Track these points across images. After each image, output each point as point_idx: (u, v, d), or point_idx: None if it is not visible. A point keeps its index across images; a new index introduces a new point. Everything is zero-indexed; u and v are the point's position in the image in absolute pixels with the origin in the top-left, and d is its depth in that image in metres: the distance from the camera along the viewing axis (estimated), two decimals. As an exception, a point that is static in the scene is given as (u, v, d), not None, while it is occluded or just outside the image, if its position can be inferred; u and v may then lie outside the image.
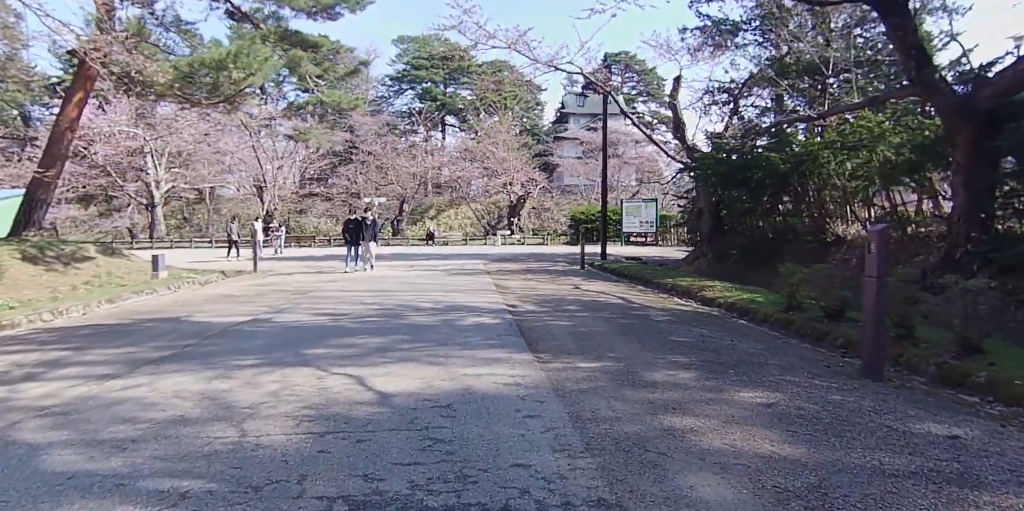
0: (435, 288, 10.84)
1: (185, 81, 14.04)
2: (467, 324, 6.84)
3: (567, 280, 12.85)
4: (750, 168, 13.35)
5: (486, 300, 9.06)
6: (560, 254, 23.75)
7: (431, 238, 36.71)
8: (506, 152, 37.49)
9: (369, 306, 8.40)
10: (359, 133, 43.79)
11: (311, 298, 9.48)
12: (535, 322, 7.05)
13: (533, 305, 8.63)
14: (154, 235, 36.18)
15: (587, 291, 10.62)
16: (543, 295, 9.86)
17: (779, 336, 6.63)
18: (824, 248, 12.87)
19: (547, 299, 9.36)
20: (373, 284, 11.63)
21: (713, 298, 9.55)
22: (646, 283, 12.52)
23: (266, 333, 6.36)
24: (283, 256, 23.11)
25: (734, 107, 16.73)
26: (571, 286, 11.51)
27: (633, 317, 7.60)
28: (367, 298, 9.36)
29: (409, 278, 13.03)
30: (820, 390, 4.18)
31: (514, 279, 12.94)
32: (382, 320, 7.13)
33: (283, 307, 8.44)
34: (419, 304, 8.61)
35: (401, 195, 39.80)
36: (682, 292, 10.70)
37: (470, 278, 12.97)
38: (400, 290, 10.49)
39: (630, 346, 5.68)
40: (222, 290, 11.24)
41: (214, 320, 7.37)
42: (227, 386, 4.22)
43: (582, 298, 9.56)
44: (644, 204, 32.78)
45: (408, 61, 62.74)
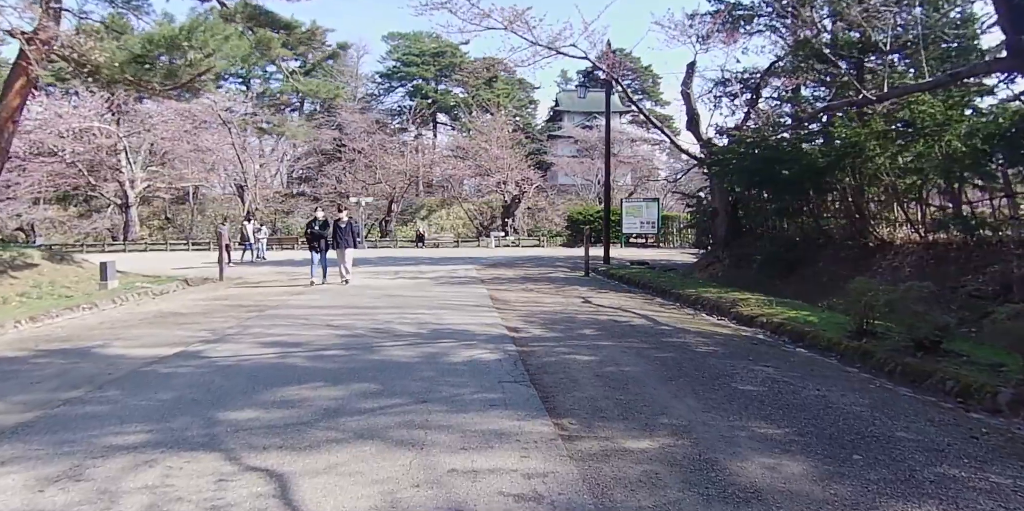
0: (421, 303, 9.18)
1: (138, 65, 12.32)
2: (458, 361, 5.19)
3: (573, 290, 11.23)
4: (780, 162, 11.77)
5: (481, 320, 7.42)
6: (559, 258, 22.16)
7: (421, 240, 35.01)
8: (500, 149, 35.85)
9: (336, 331, 6.73)
10: (348, 131, 42.01)
11: (268, 318, 7.80)
12: (547, 357, 5.42)
13: (540, 328, 7.00)
14: (128, 237, 34.26)
15: (600, 306, 9.00)
16: (549, 312, 8.23)
17: (866, 376, 5.04)
18: (865, 254, 11.32)
19: (555, 318, 7.73)
20: (348, 298, 9.95)
21: (752, 316, 7.97)
22: (663, 294, 10.93)
23: (184, 378, 4.68)
24: (262, 260, 21.35)
25: (754, 97, 15.15)
26: (579, 299, 9.89)
27: (670, 347, 5.98)
28: (336, 318, 7.69)
29: (392, 289, 11.36)
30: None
31: (512, 289, 11.31)
32: (346, 355, 5.47)
33: (228, 332, 6.76)
34: (399, 327, 6.96)
35: (390, 194, 38.03)
36: (711, 307, 9.12)
37: (462, 289, 11.32)
38: (379, 306, 8.83)
39: (686, 401, 4.06)
40: (170, 305, 9.54)
41: (131, 353, 5.69)
42: (60, 503, 2.56)
43: (597, 316, 7.94)
44: (645, 204, 31.25)
45: (398, 57, 61.06)
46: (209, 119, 36.12)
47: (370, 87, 63.16)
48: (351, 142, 39.66)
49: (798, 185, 12.05)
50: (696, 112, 15.18)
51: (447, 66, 60.60)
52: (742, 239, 15.35)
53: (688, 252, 25.08)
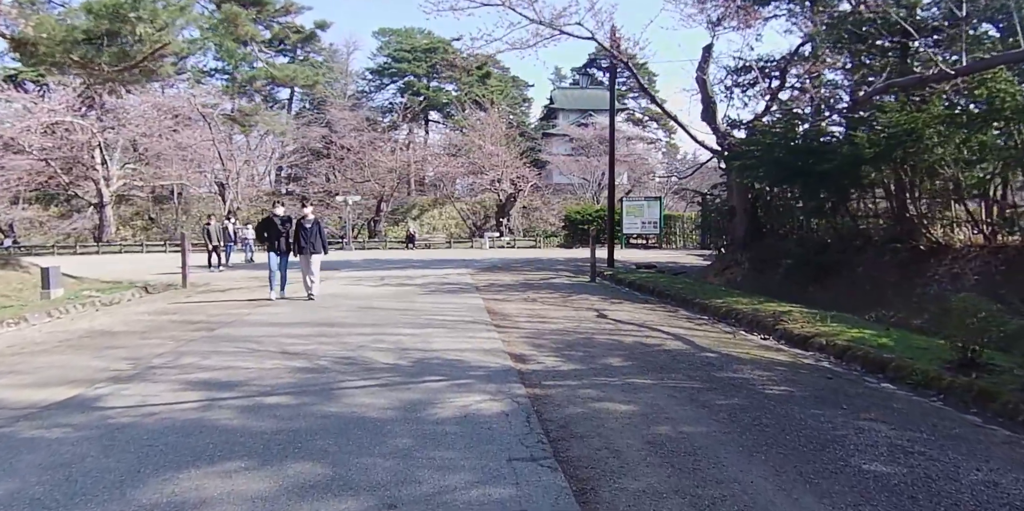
0: (404, 319, 7.68)
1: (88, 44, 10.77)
2: (447, 417, 3.70)
3: (582, 300, 9.77)
4: (815, 154, 10.36)
5: (478, 344, 5.93)
6: (558, 260, 20.69)
7: (411, 241, 33.44)
8: (494, 145, 34.32)
9: (290, 361, 5.23)
10: (337, 129, 40.35)
11: (213, 341, 6.28)
12: (569, 406, 3.95)
13: (552, 355, 5.52)
14: (103, 238, 32.51)
15: (619, 322, 7.53)
16: (560, 331, 6.76)
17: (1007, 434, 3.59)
18: (916, 258, 9.92)
19: (569, 340, 6.26)
20: (319, 312, 8.43)
21: (806, 336, 6.55)
22: (686, 304, 9.50)
23: (46, 450, 3.19)
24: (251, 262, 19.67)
25: (778, 84, 13.75)
26: (592, 312, 8.43)
27: (729, 387, 4.52)
28: (297, 341, 6.18)
29: (373, 299, 9.85)
30: None
31: (512, 298, 9.84)
32: (294, 405, 3.98)
33: (153, 363, 5.24)
34: (373, 355, 5.46)
35: (379, 193, 36.40)
36: (749, 322, 7.69)
37: (454, 299, 9.82)
38: (353, 323, 7.32)
39: (801, 503, 2.60)
40: (109, 321, 8.01)
41: (6, 397, 4.19)
42: None
43: (620, 337, 6.47)
44: (647, 203, 29.83)
45: (389, 53, 59.47)
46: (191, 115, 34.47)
47: (360, 84, 61.59)
48: (339, 139, 38.03)
49: (835, 180, 10.64)
50: (713, 100, 13.76)
51: (439, 62, 59.08)
52: (763, 240, 13.96)
53: (695, 254, 23.70)
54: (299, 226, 9.79)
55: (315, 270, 9.83)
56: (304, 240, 9.68)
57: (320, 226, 9.96)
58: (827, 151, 10.35)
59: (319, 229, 9.90)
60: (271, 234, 9.81)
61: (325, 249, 10.01)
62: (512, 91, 64.73)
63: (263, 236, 10.05)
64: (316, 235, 9.78)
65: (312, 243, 9.72)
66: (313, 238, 9.72)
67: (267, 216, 10.13)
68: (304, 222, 9.82)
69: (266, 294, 9.84)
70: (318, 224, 9.97)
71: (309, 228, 9.77)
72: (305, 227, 9.77)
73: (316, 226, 9.88)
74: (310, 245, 9.70)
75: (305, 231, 9.73)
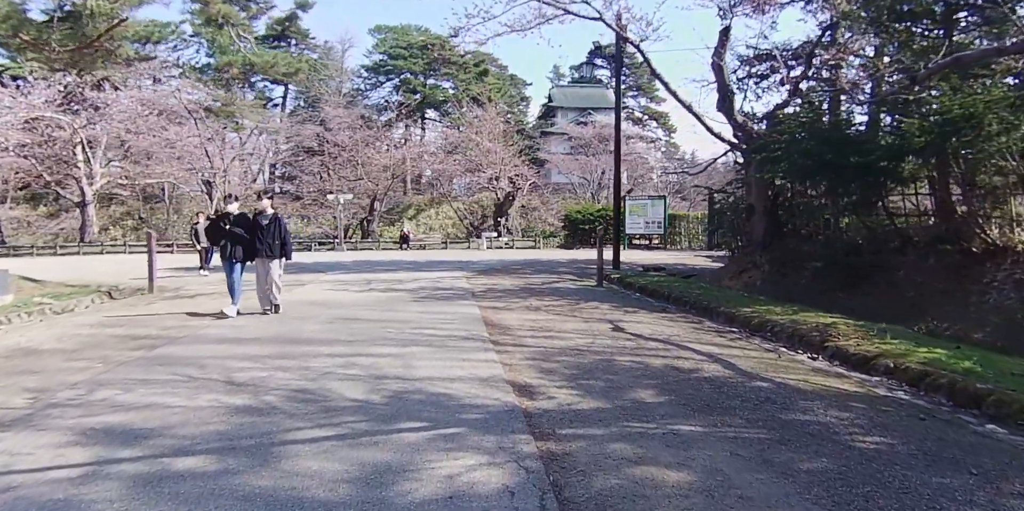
0: (387, 333, 6.53)
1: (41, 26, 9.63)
2: (424, 499, 2.56)
3: (592, 309, 8.63)
4: (851, 144, 9.24)
5: (472, 371, 4.79)
6: (560, 261, 19.54)
7: (405, 241, 32.25)
8: (492, 142, 33.15)
9: (230, 398, 4.08)
10: (331, 127, 39.13)
11: (146, 365, 5.12)
12: (599, 475, 2.80)
13: (567, 386, 4.38)
14: (85, 238, 31.25)
15: (640, 337, 6.38)
16: (573, 351, 5.61)
17: None
18: (968, 261, 8.81)
19: (585, 364, 5.12)
20: (287, 325, 7.27)
21: (866, 356, 5.45)
22: (709, 313, 8.38)
23: None
24: None
25: (803, 71, 12.62)
26: (606, 323, 7.29)
27: (807, 439, 3.37)
28: (248, 366, 5.03)
29: (355, 308, 8.69)
30: None
31: (512, 307, 8.69)
32: (211, 473, 2.83)
33: (56, 399, 4.09)
34: (338, 387, 4.31)
35: (372, 192, 35.18)
36: (790, 337, 6.58)
37: (446, 308, 8.67)
38: (324, 340, 6.17)
39: None
40: (43, 335, 6.85)
41: None
42: None
43: (646, 359, 5.32)
44: (650, 202, 28.70)
45: (385, 50, 58.36)
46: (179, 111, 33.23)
47: (356, 82, 60.42)
48: (331, 136, 36.85)
49: (872, 173, 9.51)
50: (730, 89, 12.63)
51: (436, 59, 57.96)
52: (785, 241, 12.84)
53: (702, 255, 22.58)
54: (254, 224, 7.85)
55: (275, 276, 7.87)
56: (260, 241, 7.76)
57: (281, 223, 7.92)
58: (863, 141, 9.23)
59: (279, 227, 7.87)
60: (219, 237, 7.97)
61: (287, 252, 8.01)
62: (510, 89, 63.71)
63: (214, 235, 8.20)
64: (275, 235, 7.81)
65: (269, 244, 7.77)
66: (271, 238, 7.77)
67: (219, 214, 8.25)
68: (260, 219, 7.85)
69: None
70: (278, 221, 7.89)
71: (267, 226, 7.79)
72: (261, 225, 7.81)
73: (275, 224, 7.85)
74: (266, 247, 7.76)
75: (261, 230, 7.78)
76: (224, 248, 7.90)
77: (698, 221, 29.33)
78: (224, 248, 7.90)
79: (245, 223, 7.90)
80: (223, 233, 7.89)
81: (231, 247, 7.83)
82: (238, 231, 7.81)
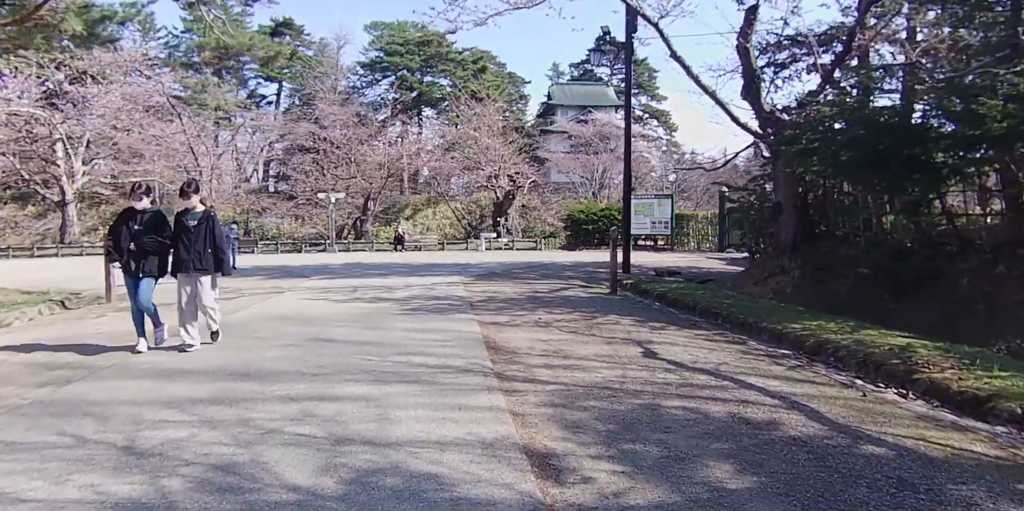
0: (363, 362, 5.22)
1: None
2: None
3: (612, 324, 7.33)
4: (911, 133, 7.97)
5: (472, 429, 3.47)
6: (564, 264, 18.24)
7: (400, 242, 30.92)
8: (491, 139, 31.82)
9: (116, 480, 2.78)
10: (326, 125, 37.77)
11: (33, 416, 3.81)
12: None
13: (604, 455, 3.08)
14: (65, 239, 29.86)
15: (683, 368, 5.08)
16: (603, 390, 4.30)
17: None
18: (1052, 268, 7.55)
19: (622, 411, 3.82)
20: (244, 351, 5.96)
21: (978, 396, 4.20)
22: (749, 330, 7.09)
23: None
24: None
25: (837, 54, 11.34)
26: (634, 346, 5.99)
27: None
28: (169, 416, 3.72)
29: (331, 324, 7.37)
30: None
31: (519, 322, 7.39)
32: None
33: None
34: (276, 461, 3.00)
35: (366, 190, 33.82)
36: (861, 364, 5.33)
37: (440, 323, 7.36)
38: (282, 373, 4.86)
39: None
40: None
41: None
42: None
43: (702, 403, 4.02)
44: (657, 201, 27.38)
45: (382, 47, 57.08)
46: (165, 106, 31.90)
47: (352, 79, 59.06)
48: (325, 133, 35.52)
49: (930, 167, 8.24)
50: (757, 74, 11.36)
51: (433, 56, 56.69)
52: (817, 243, 11.57)
53: (714, 257, 21.32)
54: (178, 225, 5.79)
55: (207, 297, 5.82)
56: (185, 249, 5.66)
57: (214, 224, 5.80)
58: (923, 130, 7.95)
59: (211, 230, 5.74)
60: (118, 244, 5.73)
61: (224, 264, 5.95)
62: (508, 87, 62.46)
63: (115, 242, 5.83)
64: (205, 240, 5.70)
65: (199, 253, 5.66)
66: (199, 245, 5.66)
67: (125, 209, 5.98)
68: (186, 219, 5.75)
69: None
70: (210, 221, 5.76)
71: (195, 229, 5.70)
72: (187, 226, 5.71)
73: (207, 225, 5.74)
74: (194, 257, 5.65)
75: (187, 233, 5.69)
76: (128, 260, 5.68)
77: (707, 221, 28.05)
78: (128, 260, 5.68)
79: (159, 224, 5.79)
80: (125, 237, 5.68)
81: (138, 258, 5.66)
82: (149, 239, 5.66)
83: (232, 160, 45.48)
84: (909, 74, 12.31)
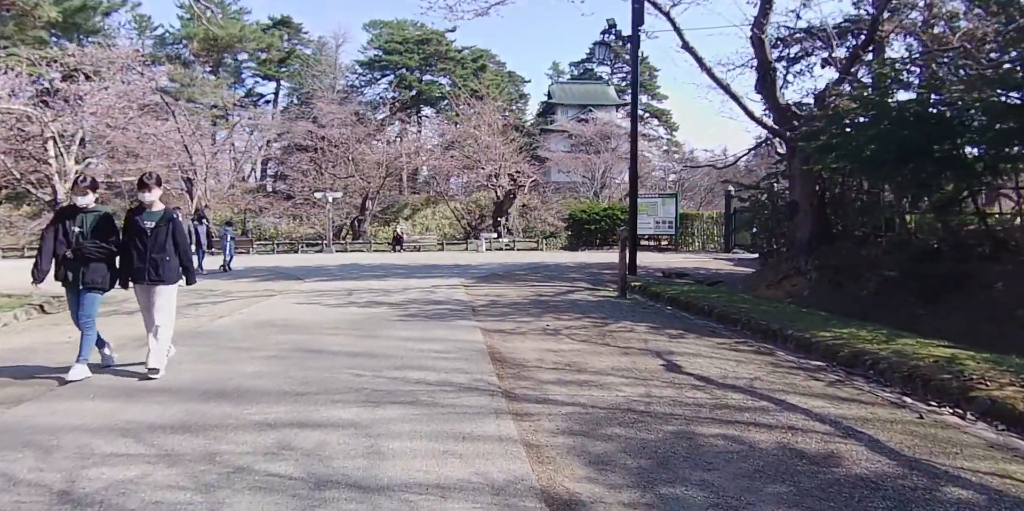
0: (354, 379, 4.68)
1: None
2: None
3: (626, 331, 6.78)
4: (944, 126, 7.43)
5: (480, 468, 2.91)
6: (567, 265, 17.70)
7: (399, 243, 30.35)
8: (491, 137, 31.26)
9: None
10: (324, 123, 37.21)
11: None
12: None
13: (641, 503, 2.54)
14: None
15: (712, 384, 4.53)
16: (628, 415, 3.75)
17: None
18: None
19: (652, 441, 3.27)
20: (223, 363, 5.41)
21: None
22: (773, 338, 6.56)
23: None
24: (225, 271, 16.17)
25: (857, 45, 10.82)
26: (653, 357, 5.44)
27: None
28: (120, 449, 3.16)
29: (322, 331, 6.83)
30: None
31: (525, 329, 6.84)
32: None
33: None
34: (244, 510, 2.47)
35: (364, 189, 33.25)
36: (907, 379, 4.83)
37: (440, 331, 6.81)
38: (262, 392, 4.31)
39: None
40: None
41: None
42: None
43: (743, 431, 3.46)
44: (661, 200, 26.85)
45: (380, 45, 56.58)
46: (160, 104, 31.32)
47: (350, 78, 58.53)
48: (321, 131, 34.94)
49: (963, 163, 7.71)
50: (772, 66, 10.82)
51: (432, 54, 56.17)
52: (835, 244, 11.04)
53: (721, 258, 20.79)
54: (130, 227, 4.75)
55: (161, 315, 4.78)
56: (139, 255, 4.66)
57: (176, 226, 4.82)
58: (958, 123, 7.41)
59: (172, 233, 4.77)
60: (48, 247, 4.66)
61: (189, 272, 5.00)
62: (508, 86, 61.95)
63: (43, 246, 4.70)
64: (164, 246, 4.71)
65: (156, 261, 4.66)
66: (157, 251, 4.66)
67: (60, 209, 5.15)
68: (142, 219, 4.71)
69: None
70: (172, 223, 4.79)
71: (152, 231, 4.69)
72: (142, 228, 4.68)
73: (168, 227, 4.76)
74: (150, 266, 4.65)
75: (141, 236, 4.67)
76: (64, 270, 4.65)
77: (713, 221, 27.51)
78: (64, 270, 4.65)
79: (105, 226, 4.71)
80: (61, 243, 4.63)
81: (77, 267, 4.61)
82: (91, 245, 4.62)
83: (230, 159, 44.99)
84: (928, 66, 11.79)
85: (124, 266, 4.83)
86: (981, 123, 7.44)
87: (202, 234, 16.36)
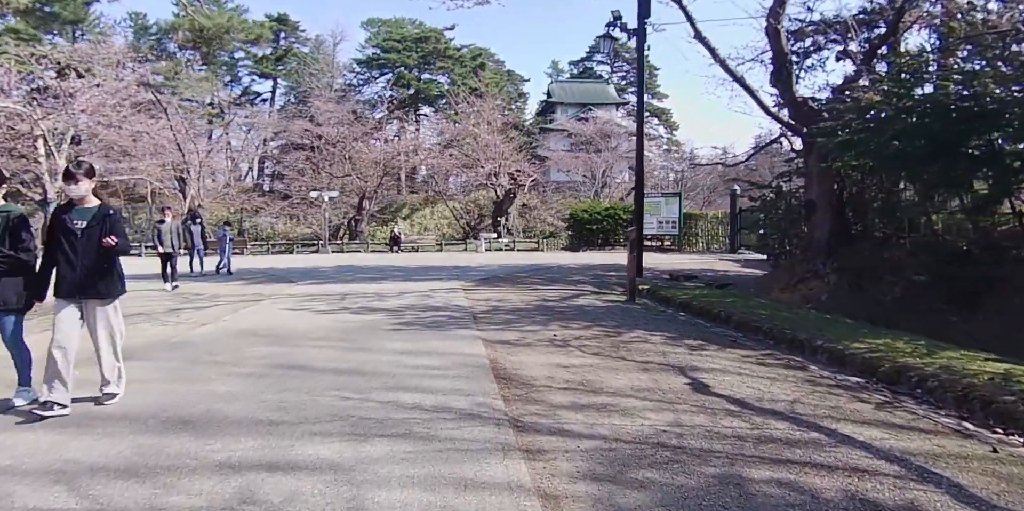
0: (337, 403, 4.10)
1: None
2: None
3: (642, 343, 6.22)
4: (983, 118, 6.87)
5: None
6: (571, 267, 17.13)
7: (396, 243, 29.78)
8: (490, 135, 30.68)
9: None
10: (321, 122, 36.61)
11: None
12: None
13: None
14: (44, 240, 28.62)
15: (748, 410, 3.96)
16: (659, 453, 3.18)
17: None
18: None
19: (691, 486, 2.70)
20: (186, 382, 4.82)
21: None
22: (801, 349, 6.02)
23: None
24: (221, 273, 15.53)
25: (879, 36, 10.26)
26: (675, 373, 4.88)
27: None
28: (47, 507, 2.61)
29: (307, 345, 6.26)
30: None
31: (531, 340, 6.28)
32: None
33: None
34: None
35: (362, 189, 32.66)
36: (961, 400, 4.32)
37: (437, 343, 6.24)
38: (229, 422, 3.73)
39: None
40: None
41: None
42: None
43: (801, 475, 2.87)
44: (664, 199, 26.28)
45: (378, 44, 55.98)
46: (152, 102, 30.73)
47: (348, 77, 57.95)
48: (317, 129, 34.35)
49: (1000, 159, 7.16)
50: (788, 59, 10.28)
51: (431, 52, 55.58)
52: (855, 245, 10.50)
53: (727, 259, 20.23)
54: (55, 227, 3.93)
55: (103, 336, 4.00)
56: (68, 262, 3.84)
57: (112, 223, 3.96)
58: (998, 114, 6.85)
59: (110, 233, 3.91)
60: None
61: (122, 283, 4.14)
62: (507, 85, 61.42)
63: None
64: (98, 249, 3.89)
65: (87, 269, 3.87)
66: (91, 258, 3.88)
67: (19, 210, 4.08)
68: (70, 218, 3.89)
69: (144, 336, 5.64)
70: (107, 221, 3.94)
71: (83, 232, 3.88)
72: (70, 228, 3.86)
73: (102, 227, 3.92)
74: (82, 274, 3.86)
75: (70, 238, 3.86)
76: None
77: (718, 221, 26.95)
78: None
79: (16, 229, 3.85)
80: None
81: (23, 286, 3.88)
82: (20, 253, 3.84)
83: (226, 158, 44.39)
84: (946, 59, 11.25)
85: (44, 276, 3.98)
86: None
87: (196, 235, 15.81)
